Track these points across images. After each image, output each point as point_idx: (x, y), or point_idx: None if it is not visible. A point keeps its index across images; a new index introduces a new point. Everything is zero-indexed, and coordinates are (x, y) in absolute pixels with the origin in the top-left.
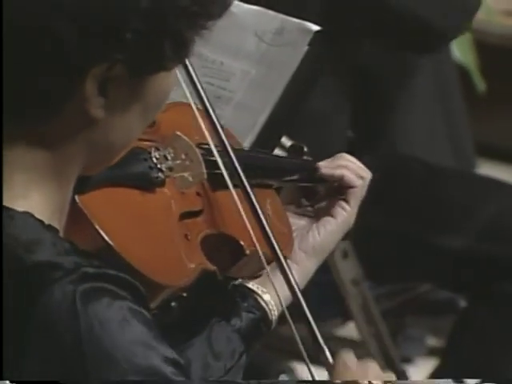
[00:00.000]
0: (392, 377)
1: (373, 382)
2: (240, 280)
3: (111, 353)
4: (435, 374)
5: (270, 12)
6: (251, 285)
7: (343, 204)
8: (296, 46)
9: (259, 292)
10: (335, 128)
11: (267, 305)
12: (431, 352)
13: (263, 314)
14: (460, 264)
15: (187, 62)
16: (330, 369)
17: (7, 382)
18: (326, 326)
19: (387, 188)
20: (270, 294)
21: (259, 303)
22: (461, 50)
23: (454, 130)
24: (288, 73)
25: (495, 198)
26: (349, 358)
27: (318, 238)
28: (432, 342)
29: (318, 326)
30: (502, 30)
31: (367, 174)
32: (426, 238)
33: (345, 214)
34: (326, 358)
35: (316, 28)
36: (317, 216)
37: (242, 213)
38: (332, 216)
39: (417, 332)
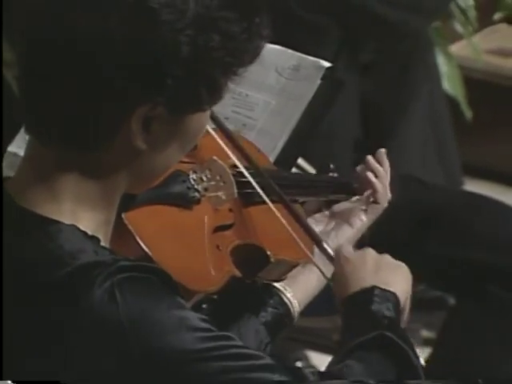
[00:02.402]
0: (388, 258)
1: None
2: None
3: (152, 334)
4: (429, 362)
5: (289, 51)
6: (277, 284)
7: (362, 215)
8: (310, 81)
9: (283, 290)
10: (342, 147)
11: (290, 302)
12: (426, 342)
13: (287, 309)
14: (455, 268)
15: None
16: (332, 262)
17: (9, 381)
18: (334, 319)
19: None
20: (293, 293)
21: (283, 300)
22: (451, 84)
23: (444, 151)
24: (303, 103)
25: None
26: (347, 249)
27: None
28: (426, 333)
29: (326, 319)
30: (487, 67)
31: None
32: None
33: (360, 225)
34: (326, 251)
35: (327, 65)
36: (334, 220)
37: (284, 222)
38: (350, 225)
39: (413, 325)
